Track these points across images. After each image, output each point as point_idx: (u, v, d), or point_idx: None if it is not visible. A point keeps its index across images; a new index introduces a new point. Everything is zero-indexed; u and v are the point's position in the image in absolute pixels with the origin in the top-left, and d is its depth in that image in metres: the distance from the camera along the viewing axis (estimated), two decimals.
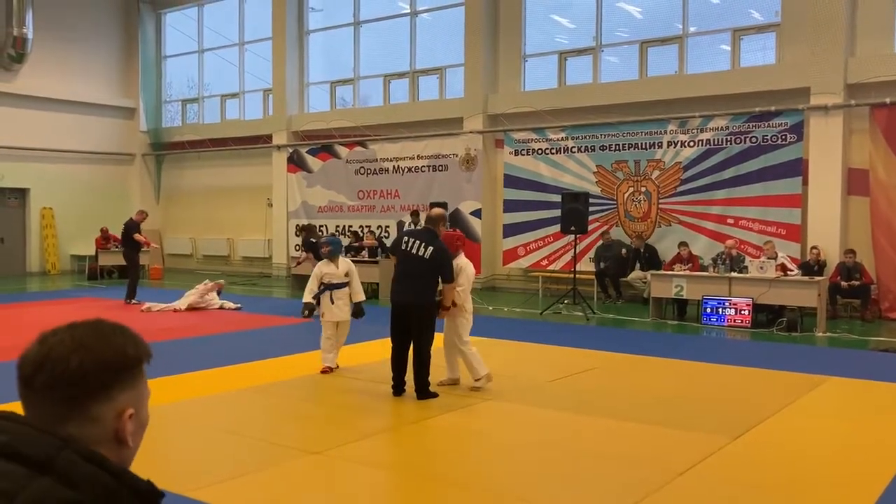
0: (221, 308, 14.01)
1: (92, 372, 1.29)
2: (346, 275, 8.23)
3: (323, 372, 8.09)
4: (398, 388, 7.11)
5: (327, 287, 8.14)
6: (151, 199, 23.53)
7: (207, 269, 21.50)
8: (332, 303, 8.12)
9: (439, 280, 7.07)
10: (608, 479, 5.03)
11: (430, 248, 6.91)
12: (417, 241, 6.98)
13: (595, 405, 6.92)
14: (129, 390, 1.33)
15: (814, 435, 6.10)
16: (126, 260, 15.01)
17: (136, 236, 14.48)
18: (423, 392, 7.03)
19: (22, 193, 21.33)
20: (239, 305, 14.13)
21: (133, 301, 14.21)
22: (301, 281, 12.32)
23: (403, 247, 7.03)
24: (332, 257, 8.26)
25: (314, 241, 8.93)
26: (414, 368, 7.03)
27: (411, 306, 6.95)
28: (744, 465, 5.29)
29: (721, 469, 5.19)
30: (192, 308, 13.70)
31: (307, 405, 7.21)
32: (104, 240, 20.14)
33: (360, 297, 8.40)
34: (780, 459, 5.44)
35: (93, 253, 20.63)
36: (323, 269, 8.21)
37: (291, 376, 8.07)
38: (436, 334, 7.22)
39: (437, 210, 7.40)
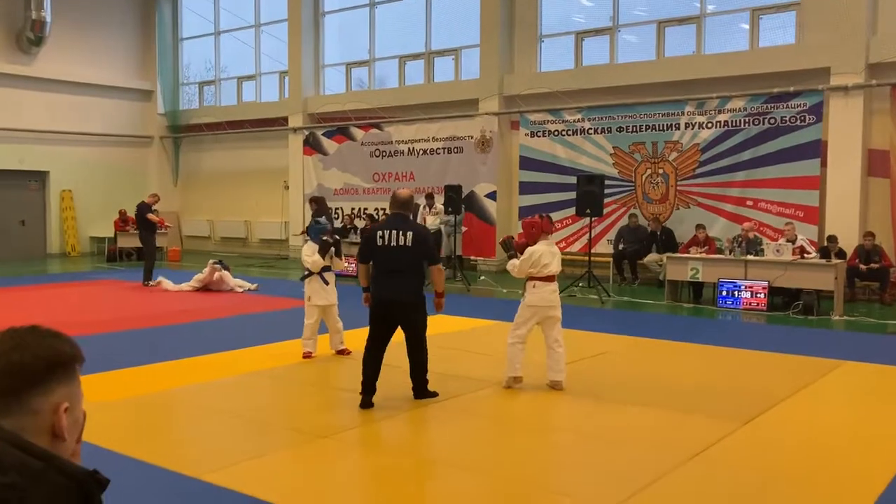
0: (238, 288, 14.14)
1: (30, 365, 1.40)
2: (331, 257, 8.25)
3: (304, 357, 8.13)
4: (368, 398, 6.24)
5: (319, 271, 8.16)
6: (169, 182, 23.67)
7: (225, 252, 21.61)
8: (327, 284, 8.15)
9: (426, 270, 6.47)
10: (616, 464, 5.02)
11: (410, 233, 6.21)
12: (394, 231, 6.22)
13: (605, 389, 6.91)
14: (64, 386, 1.44)
15: (825, 421, 6.06)
16: (142, 242, 15.14)
17: (150, 216, 14.59)
18: (422, 391, 6.47)
19: (41, 176, 21.50)
20: (256, 285, 14.28)
21: (150, 283, 14.33)
22: None
23: (379, 241, 6.25)
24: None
25: (319, 222, 8.70)
26: (412, 368, 6.44)
27: (402, 303, 6.26)
28: (752, 450, 5.27)
29: (729, 455, 5.17)
30: (208, 289, 13.86)
31: (318, 389, 7.25)
32: (122, 222, 20.31)
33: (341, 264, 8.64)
34: (789, 445, 5.41)
35: (112, 235, 20.84)
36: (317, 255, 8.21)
37: (302, 360, 8.12)
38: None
39: (403, 191, 6.55)
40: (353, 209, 19.06)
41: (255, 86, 22.31)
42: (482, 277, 15.53)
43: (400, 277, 6.20)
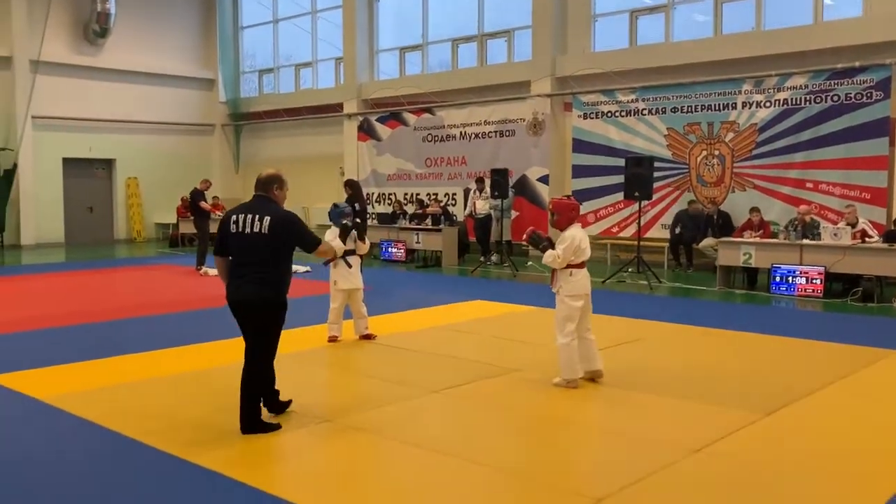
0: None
1: None
2: (354, 241, 8.12)
3: (330, 341, 8.09)
4: (274, 405, 5.51)
5: (343, 255, 8.06)
6: (231, 169, 24.10)
7: None
8: (350, 267, 8.05)
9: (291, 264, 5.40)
10: (611, 457, 4.78)
11: (267, 218, 5.11)
12: (249, 216, 5.14)
13: (626, 378, 6.63)
14: None
15: (854, 414, 5.66)
16: (196, 228, 15.43)
17: (202, 204, 14.83)
18: (251, 423, 5.20)
19: (108, 164, 22.19)
20: (307, 268, 14.40)
21: (201, 269, 14.58)
22: None
23: (233, 228, 5.18)
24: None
25: (338, 205, 8.46)
26: (242, 385, 5.25)
27: (255, 303, 5.14)
28: (767, 443, 4.95)
29: (739, 448, 4.86)
30: None
31: (335, 372, 7.20)
32: (185, 208, 20.75)
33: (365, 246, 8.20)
34: (809, 439, 5.07)
35: (175, 221, 21.35)
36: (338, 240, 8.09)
37: (326, 343, 8.09)
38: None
39: (266, 171, 5.45)
40: (405, 194, 19.01)
41: (311, 73, 22.47)
42: (529, 263, 15.28)
43: (254, 271, 5.13)
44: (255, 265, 5.13)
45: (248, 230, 5.11)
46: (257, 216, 5.13)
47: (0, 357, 7.47)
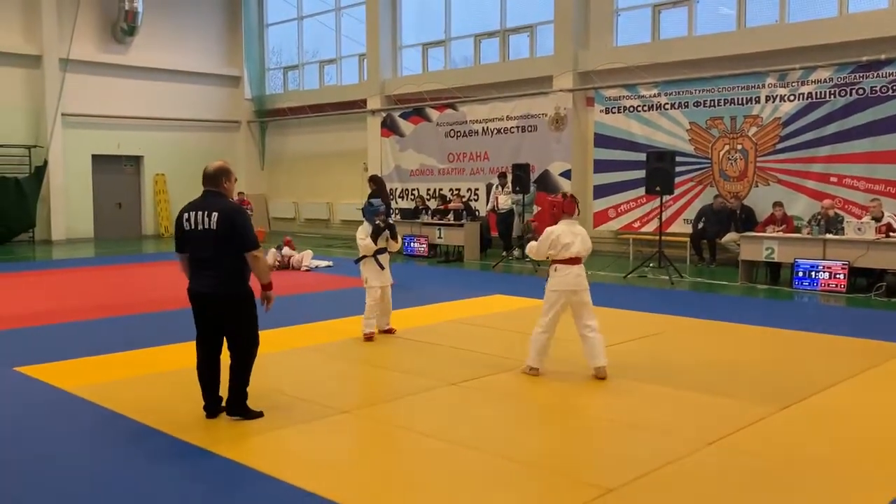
0: (309, 269, 14.44)
1: None
2: (386, 240, 8.19)
3: (366, 338, 8.07)
4: (212, 408, 5.46)
5: (374, 253, 8.14)
6: (257, 165, 24.34)
7: (309, 233, 22.16)
8: (382, 268, 8.13)
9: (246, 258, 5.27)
10: (626, 448, 4.84)
11: (215, 214, 5.15)
12: (199, 213, 5.20)
13: (644, 371, 6.68)
14: None
15: (872, 408, 5.66)
16: None
17: None
18: (236, 407, 5.40)
19: (136, 160, 22.51)
20: (329, 263, 14.57)
21: None
22: None
23: (186, 226, 5.25)
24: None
25: (373, 203, 8.43)
26: (230, 373, 5.40)
27: (215, 298, 5.27)
28: (780, 437, 4.98)
29: (754, 440, 4.90)
30: (281, 268, 14.35)
31: (353, 365, 7.29)
32: None
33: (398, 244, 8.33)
34: (824, 433, 5.09)
35: None
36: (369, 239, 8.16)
37: (349, 337, 8.20)
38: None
39: (212, 165, 5.39)
40: (428, 190, 19.11)
41: (336, 69, 22.64)
42: None
43: (210, 267, 5.22)
44: (211, 260, 5.21)
45: (199, 227, 5.19)
46: (206, 212, 5.19)
47: (29, 349, 7.68)
